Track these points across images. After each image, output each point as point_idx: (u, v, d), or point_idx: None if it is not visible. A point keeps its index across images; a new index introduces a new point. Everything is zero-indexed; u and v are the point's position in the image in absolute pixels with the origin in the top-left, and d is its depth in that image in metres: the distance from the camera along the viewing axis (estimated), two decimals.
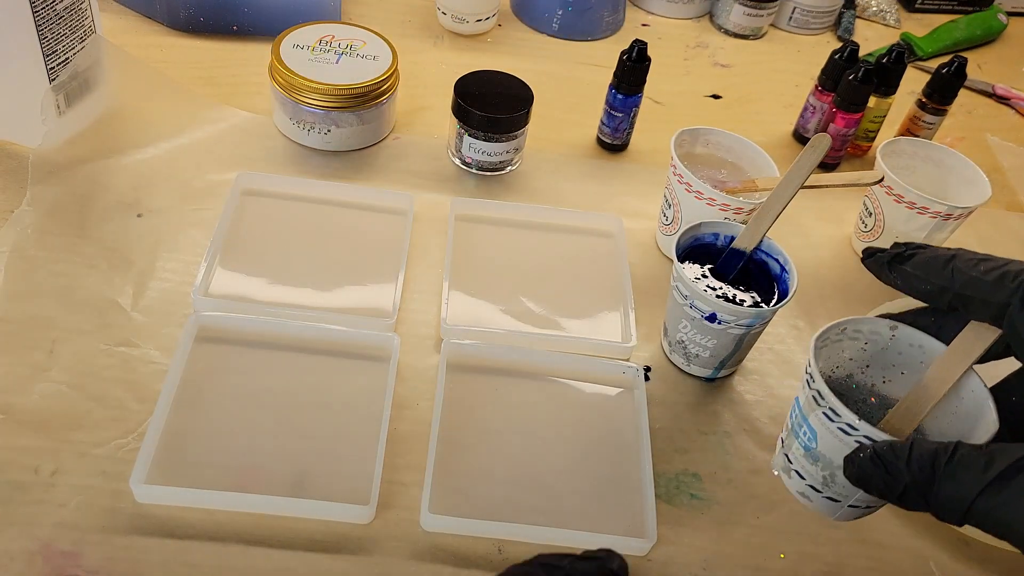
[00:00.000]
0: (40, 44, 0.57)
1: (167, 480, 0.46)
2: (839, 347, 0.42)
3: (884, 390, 0.42)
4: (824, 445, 0.37)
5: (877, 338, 0.41)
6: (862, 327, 0.41)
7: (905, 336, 0.41)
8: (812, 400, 0.37)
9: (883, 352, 0.42)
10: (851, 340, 0.42)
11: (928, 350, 0.40)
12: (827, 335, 0.40)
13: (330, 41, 0.68)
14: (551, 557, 0.33)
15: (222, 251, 0.58)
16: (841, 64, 0.74)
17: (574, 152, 0.73)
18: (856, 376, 0.42)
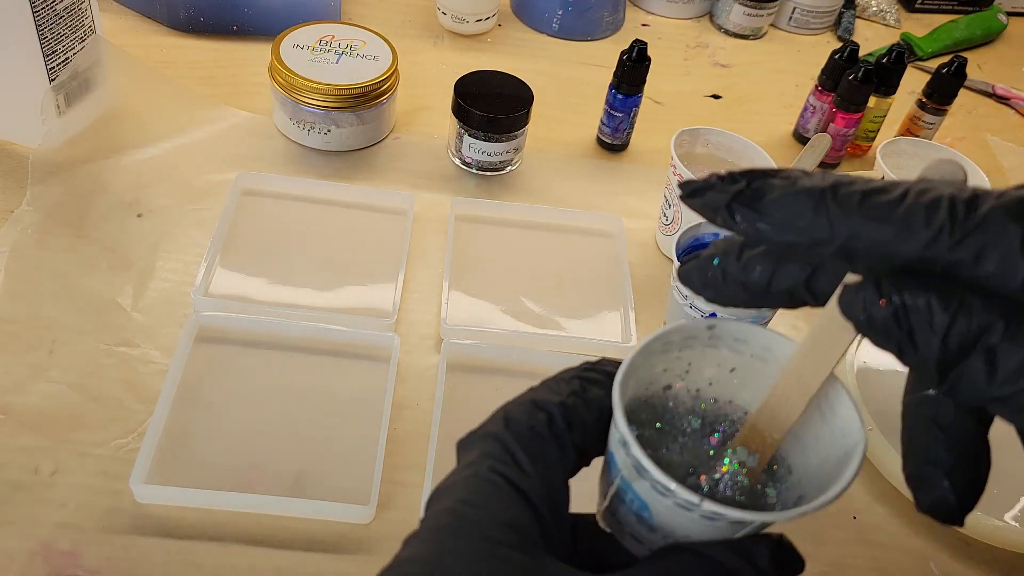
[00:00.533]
0: (40, 44, 0.57)
1: (167, 480, 0.46)
2: (648, 367, 0.31)
3: (709, 393, 0.32)
4: (663, 518, 0.28)
5: (695, 342, 0.31)
6: (672, 336, 0.30)
7: (728, 333, 0.31)
8: (634, 469, 0.27)
9: (704, 352, 0.32)
10: (660, 354, 0.31)
11: (758, 346, 0.31)
12: (632, 371, 0.29)
13: (330, 41, 0.68)
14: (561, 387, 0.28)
15: (222, 251, 0.58)
16: (841, 64, 0.74)
17: (574, 152, 0.73)
18: (674, 387, 0.32)
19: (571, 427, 0.27)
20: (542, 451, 0.26)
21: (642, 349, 0.29)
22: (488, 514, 0.25)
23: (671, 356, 0.31)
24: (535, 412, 0.27)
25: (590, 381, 0.28)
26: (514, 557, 0.24)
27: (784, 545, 0.27)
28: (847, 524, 0.51)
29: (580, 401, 0.27)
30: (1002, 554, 0.50)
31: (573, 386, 0.28)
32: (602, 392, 0.28)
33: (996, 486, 0.53)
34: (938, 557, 0.50)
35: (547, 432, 0.26)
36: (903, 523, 0.51)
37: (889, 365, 0.59)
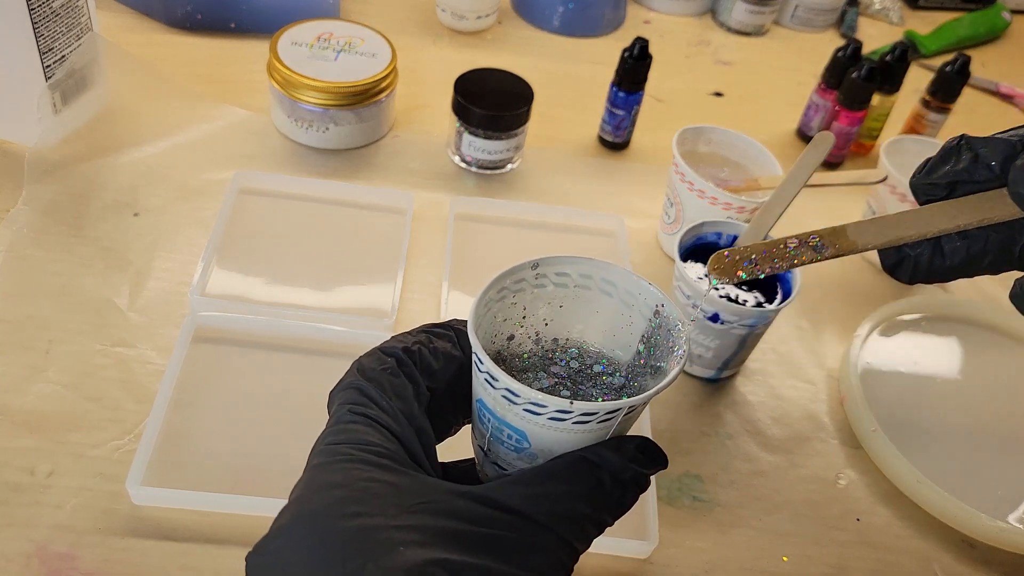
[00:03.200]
0: (36, 42, 0.56)
1: (164, 482, 0.45)
2: (489, 317, 0.34)
3: (547, 332, 0.35)
4: (540, 440, 0.30)
5: (523, 284, 0.35)
6: (505, 282, 0.34)
7: (549, 267, 0.35)
8: (504, 399, 0.30)
9: (534, 295, 0.35)
10: (498, 302, 0.34)
11: (574, 267, 0.35)
12: (478, 314, 0.32)
13: (328, 38, 0.67)
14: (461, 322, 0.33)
15: (219, 250, 0.57)
16: (844, 62, 0.73)
17: (575, 150, 0.73)
18: (516, 337, 0.35)
19: (418, 367, 0.30)
20: (394, 388, 0.29)
21: (482, 296, 0.33)
22: (354, 446, 0.27)
23: (507, 303, 0.34)
24: (383, 357, 0.30)
25: (435, 335, 0.32)
26: (389, 476, 0.27)
27: (649, 442, 0.31)
28: (850, 526, 0.50)
29: (425, 349, 0.31)
30: (1006, 556, 0.50)
31: (419, 337, 0.31)
32: (447, 344, 0.32)
33: (1000, 488, 0.53)
34: (941, 559, 0.50)
35: (397, 370, 0.30)
36: (906, 525, 0.51)
37: (892, 366, 0.59)
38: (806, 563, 0.48)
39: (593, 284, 0.34)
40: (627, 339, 0.34)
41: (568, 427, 0.30)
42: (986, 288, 0.68)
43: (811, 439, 0.55)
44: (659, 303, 0.33)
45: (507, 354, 0.34)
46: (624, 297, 0.34)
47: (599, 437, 0.31)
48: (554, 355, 0.35)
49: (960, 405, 0.57)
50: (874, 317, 0.60)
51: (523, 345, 0.35)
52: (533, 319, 0.35)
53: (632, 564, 0.46)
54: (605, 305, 0.34)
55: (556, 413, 0.29)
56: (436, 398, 0.31)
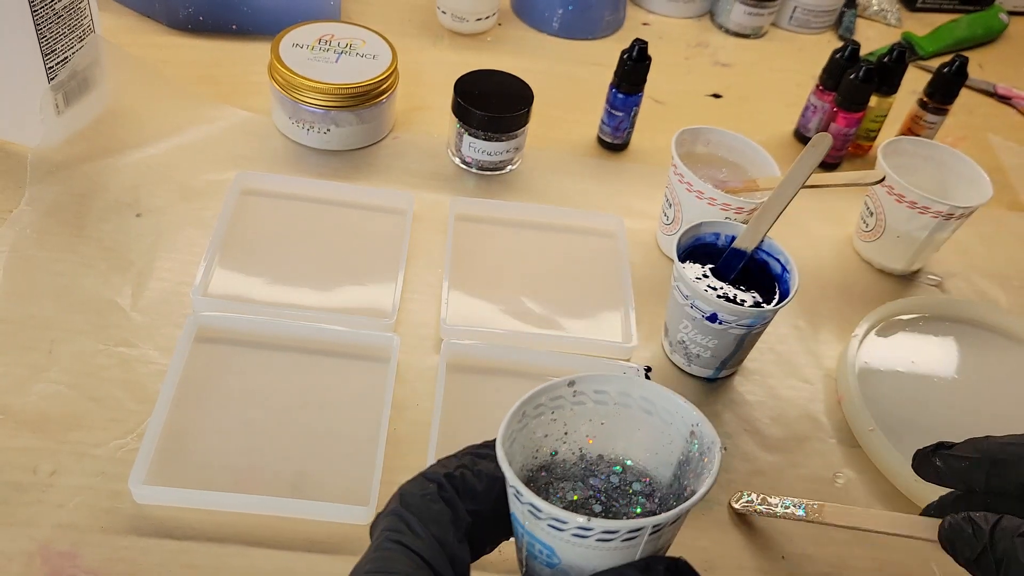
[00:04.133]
0: (39, 43, 0.56)
1: (166, 481, 0.46)
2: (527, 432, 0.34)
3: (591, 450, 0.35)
4: (567, 557, 0.30)
5: (561, 401, 0.34)
6: (541, 399, 0.34)
7: (587, 385, 0.34)
8: (530, 515, 0.30)
9: (574, 412, 0.35)
10: (535, 419, 0.34)
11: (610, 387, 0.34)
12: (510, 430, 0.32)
13: (329, 40, 0.68)
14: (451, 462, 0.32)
15: (221, 251, 0.58)
16: (842, 63, 0.74)
17: (574, 151, 0.73)
18: (560, 453, 0.35)
19: (460, 492, 0.30)
20: (432, 516, 0.30)
21: (515, 411, 0.32)
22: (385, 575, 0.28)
23: (546, 419, 0.34)
24: (425, 483, 0.30)
25: (479, 456, 0.32)
26: None
27: (680, 562, 0.29)
28: None
29: (468, 472, 0.31)
30: None
31: (463, 460, 0.32)
32: (491, 464, 0.31)
33: None
34: (939, 558, 0.50)
35: (436, 497, 0.30)
36: None
37: (890, 365, 0.59)
38: (805, 562, 0.48)
39: (632, 402, 0.34)
40: (668, 457, 0.34)
41: (592, 544, 0.29)
42: (984, 288, 0.68)
43: (809, 438, 0.55)
44: (694, 424, 0.32)
45: (551, 467, 0.35)
46: (663, 415, 0.34)
47: (628, 556, 0.30)
48: (596, 468, 0.35)
49: (957, 404, 0.58)
50: (871, 317, 0.61)
51: (567, 460, 0.35)
52: (575, 435, 0.35)
53: None
54: (646, 423, 0.34)
55: (578, 530, 0.29)
56: (481, 519, 0.31)
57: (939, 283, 0.68)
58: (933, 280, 0.68)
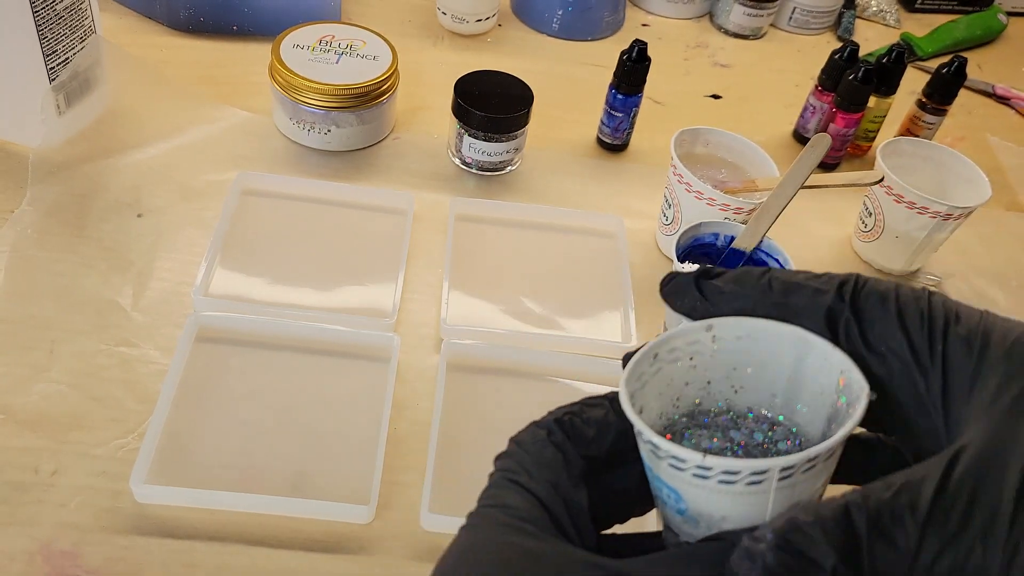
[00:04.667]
0: (40, 44, 0.57)
1: (167, 480, 0.46)
2: (663, 378, 0.32)
3: (739, 401, 0.33)
4: (694, 502, 0.29)
5: (699, 347, 0.33)
6: (677, 343, 0.32)
7: (728, 330, 0.32)
8: (652, 455, 0.29)
9: (715, 359, 0.33)
10: (672, 364, 0.32)
11: (757, 333, 0.32)
12: (639, 371, 0.31)
13: (330, 41, 0.68)
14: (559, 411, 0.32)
15: (222, 251, 0.58)
16: (841, 64, 0.74)
17: (574, 152, 0.73)
18: (705, 402, 0.33)
19: (570, 437, 0.30)
20: (545, 460, 0.30)
21: (646, 351, 0.31)
22: (503, 510, 0.29)
23: (684, 366, 0.32)
24: (536, 430, 0.31)
25: (589, 404, 0.32)
26: (528, 542, 0.27)
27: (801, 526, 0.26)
28: None
29: (577, 418, 0.31)
30: None
31: (572, 408, 0.32)
32: (601, 412, 0.31)
33: None
34: None
35: (547, 442, 0.30)
36: None
37: None
38: None
39: (778, 347, 0.31)
40: (818, 412, 0.31)
41: (715, 487, 0.27)
42: (983, 288, 0.68)
43: None
44: (843, 370, 0.29)
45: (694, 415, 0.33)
46: (814, 363, 0.31)
47: (759, 505, 0.27)
48: (742, 422, 0.32)
49: None
50: None
51: (712, 411, 0.33)
52: (719, 385, 0.33)
53: None
54: (796, 372, 0.31)
55: (697, 469, 0.27)
56: (599, 468, 0.31)
57: (938, 283, 0.68)
58: (932, 280, 0.68)
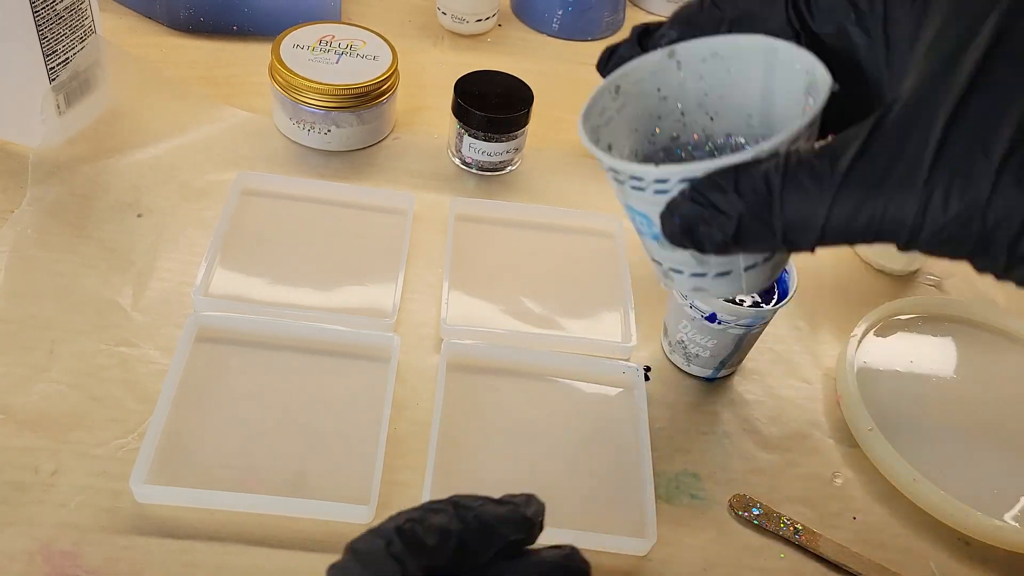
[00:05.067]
0: (40, 44, 0.57)
1: (167, 480, 0.46)
2: (632, 114, 0.31)
3: (716, 129, 0.32)
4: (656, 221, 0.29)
5: (665, 76, 0.31)
6: (640, 74, 0.31)
7: (690, 53, 0.31)
8: (616, 182, 0.28)
9: (684, 88, 0.31)
10: (638, 98, 0.31)
11: (721, 50, 0.30)
12: (600, 105, 0.30)
13: (330, 41, 0.68)
14: (465, 498, 0.33)
15: (222, 251, 0.58)
16: None
17: (574, 152, 0.73)
18: (682, 135, 0.32)
19: (409, 547, 0.30)
20: (383, 572, 0.30)
21: (605, 85, 0.30)
22: None
23: (653, 98, 0.31)
24: (374, 539, 0.30)
25: (430, 510, 0.32)
26: None
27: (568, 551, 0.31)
28: (847, 524, 0.51)
29: (418, 526, 0.31)
30: (1002, 554, 0.50)
31: (413, 514, 0.32)
32: (443, 519, 0.32)
33: (996, 486, 0.54)
34: (938, 557, 0.50)
35: (385, 553, 0.30)
36: (903, 524, 0.51)
37: (888, 365, 0.60)
38: (804, 561, 0.49)
39: (745, 57, 0.30)
40: (792, 124, 0.28)
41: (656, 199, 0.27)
42: (983, 288, 0.68)
43: (808, 438, 0.55)
44: (809, 69, 0.28)
45: (671, 150, 0.32)
46: (783, 70, 0.29)
47: None
48: (724, 151, 0.31)
49: (956, 404, 0.58)
50: (870, 317, 0.61)
51: (690, 143, 0.31)
52: (695, 115, 0.31)
53: (630, 561, 0.47)
54: (767, 84, 0.30)
55: (656, 184, 0.26)
56: (428, 569, 0.31)
57: (938, 283, 0.68)
58: (932, 280, 0.68)
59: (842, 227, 0.25)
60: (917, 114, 0.25)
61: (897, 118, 0.25)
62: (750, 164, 0.26)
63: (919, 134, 0.25)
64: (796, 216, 0.25)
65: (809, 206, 0.25)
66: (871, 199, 0.25)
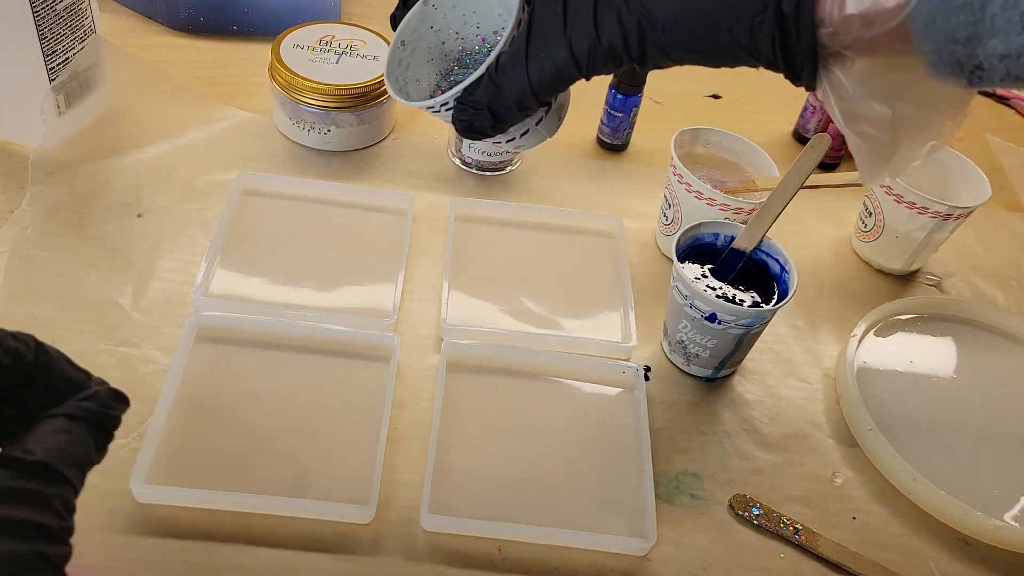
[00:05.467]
0: (40, 44, 0.57)
1: (167, 480, 0.46)
2: (423, 52, 0.44)
3: (485, 31, 0.44)
4: None
5: (430, 16, 0.43)
6: (412, 24, 0.43)
7: None
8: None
9: (447, 17, 0.44)
10: (421, 39, 0.43)
11: None
12: (396, 59, 0.42)
13: (330, 41, 0.68)
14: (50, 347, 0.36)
15: (222, 251, 0.58)
16: None
17: (574, 152, 0.73)
18: (465, 47, 0.44)
19: None
20: None
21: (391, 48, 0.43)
22: None
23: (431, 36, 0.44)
24: None
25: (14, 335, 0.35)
26: None
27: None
28: (847, 524, 0.51)
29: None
30: (1001, 554, 0.50)
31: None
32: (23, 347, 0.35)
33: (996, 486, 0.54)
34: (937, 557, 0.50)
35: None
36: (902, 523, 0.51)
37: (888, 365, 0.60)
38: (803, 561, 0.49)
39: None
40: None
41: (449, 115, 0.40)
42: (982, 288, 0.68)
43: (808, 438, 0.55)
44: None
45: (462, 59, 0.44)
46: None
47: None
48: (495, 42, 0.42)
49: (955, 404, 0.58)
50: (870, 317, 0.61)
51: (471, 50, 0.43)
52: (466, 31, 0.44)
53: (630, 561, 0.47)
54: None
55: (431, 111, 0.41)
56: None
57: (937, 283, 0.68)
58: (931, 280, 0.68)
59: (539, 79, 0.38)
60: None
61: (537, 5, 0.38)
62: (480, 77, 0.39)
63: (552, 8, 0.37)
64: (513, 91, 0.39)
65: (516, 83, 0.39)
66: (545, 59, 0.38)
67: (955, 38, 0.30)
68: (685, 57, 0.39)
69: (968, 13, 0.29)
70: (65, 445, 0.34)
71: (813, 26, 0.31)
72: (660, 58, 0.39)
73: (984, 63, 0.30)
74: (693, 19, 0.35)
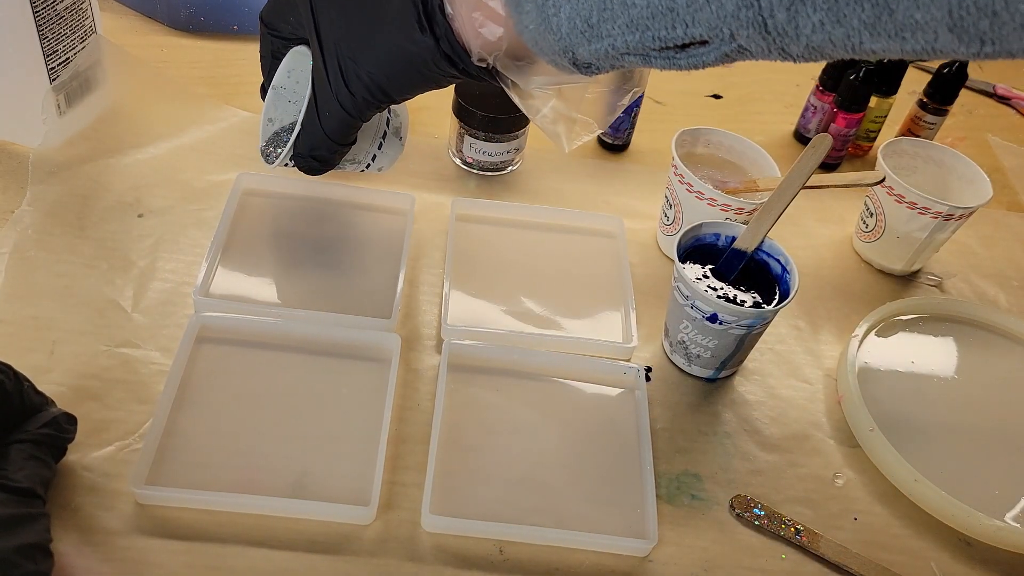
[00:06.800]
0: (41, 44, 0.57)
1: (168, 481, 0.46)
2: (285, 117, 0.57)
3: None
4: None
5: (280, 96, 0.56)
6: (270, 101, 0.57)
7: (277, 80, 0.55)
8: None
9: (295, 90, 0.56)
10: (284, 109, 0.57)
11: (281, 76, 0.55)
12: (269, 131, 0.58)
13: None
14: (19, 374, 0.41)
15: (223, 251, 0.58)
16: (842, 64, 0.74)
17: (575, 152, 0.73)
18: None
19: None
20: None
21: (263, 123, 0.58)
22: None
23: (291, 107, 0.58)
24: None
25: None
26: None
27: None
28: (848, 525, 0.51)
29: None
30: (1003, 555, 0.50)
31: None
32: None
33: (997, 487, 0.54)
34: (939, 558, 0.50)
35: None
36: (904, 524, 0.51)
37: (889, 365, 0.59)
38: (804, 562, 0.49)
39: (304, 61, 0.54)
40: None
41: None
42: (983, 288, 0.68)
43: (809, 438, 0.55)
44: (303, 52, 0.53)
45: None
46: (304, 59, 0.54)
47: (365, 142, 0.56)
48: None
49: (957, 404, 0.58)
50: (871, 317, 0.61)
51: None
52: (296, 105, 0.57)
53: (631, 562, 0.47)
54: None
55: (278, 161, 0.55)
56: None
57: (939, 283, 0.68)
58: (933, 280, 0.68)
59: (332, 129, 0.49)
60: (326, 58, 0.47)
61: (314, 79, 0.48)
62: (298, 135, 0.51)
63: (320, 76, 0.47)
64: (319, 140, 0.50)
65: (316, 135, 0.50)
66: (329, 116, 0.49)
67: (555, 51, 0.38)
68: (414, 90, 0.47)
69: (553, 34, 0.37)
70: (37, 469, 0.40)
71: (469, 56, 0.42)
72: (404, 95, 0.47)
73: (586, 62, 0.39)
74: (398, 68, 0.45)
